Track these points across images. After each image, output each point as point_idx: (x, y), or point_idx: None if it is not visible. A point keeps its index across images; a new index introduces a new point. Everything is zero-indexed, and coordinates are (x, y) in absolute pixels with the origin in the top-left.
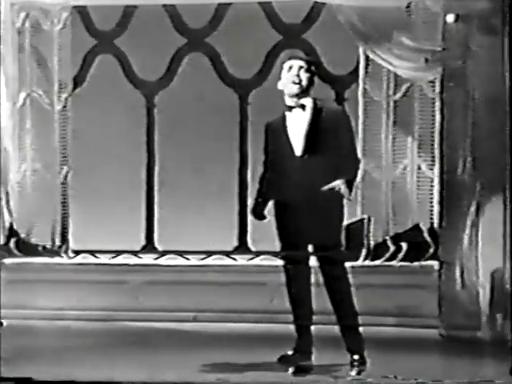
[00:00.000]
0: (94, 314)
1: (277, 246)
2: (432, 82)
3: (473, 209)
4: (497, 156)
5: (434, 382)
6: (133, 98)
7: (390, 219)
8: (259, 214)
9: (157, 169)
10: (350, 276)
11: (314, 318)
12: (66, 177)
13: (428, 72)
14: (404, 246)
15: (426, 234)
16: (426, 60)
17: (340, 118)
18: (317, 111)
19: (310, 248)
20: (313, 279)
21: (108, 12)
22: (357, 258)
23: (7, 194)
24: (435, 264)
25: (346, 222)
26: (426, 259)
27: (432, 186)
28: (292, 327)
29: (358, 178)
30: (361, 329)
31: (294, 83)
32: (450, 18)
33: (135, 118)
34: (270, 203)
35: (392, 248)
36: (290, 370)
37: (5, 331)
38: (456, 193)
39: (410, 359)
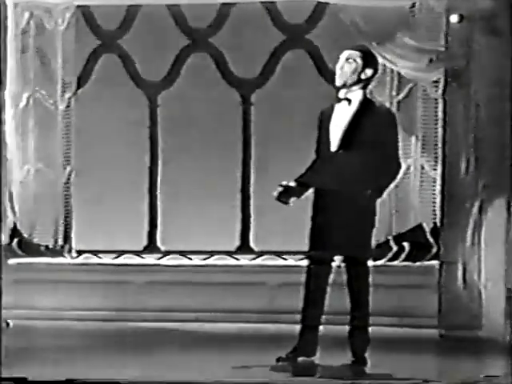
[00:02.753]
0: (97, 314)
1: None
2: (435, 82)
3: (475, 209)
4: (500, 156)
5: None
6: (136, 97)
7: (393, 219)
8: (287, 197)
9: (160, 169)
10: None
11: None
12: (69, 177)
13: (431, 72)
14: (406, 245)
15: (428, 234)
16: (430, 60)
17: (388, 119)
18: (366, 107)
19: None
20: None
21: (111, 12)
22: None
23: (10, 193)
24: (437, 264)
25: None
26: (429, 259)
27: (435, 186)
28: (294, 327)
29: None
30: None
31: (336, 75)
32: (454, 18)
33: (138, 117)
34: (308, 193)
35: (394, 248)
36: (291, 369)
37: (7, 331)
38: (459, 193)
39: (411, 359)
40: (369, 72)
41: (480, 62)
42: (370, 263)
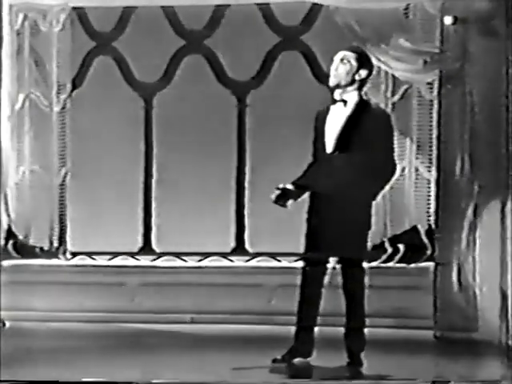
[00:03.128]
0: (92, 315)
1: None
2: (430, 84)
3: (470, 211)
4: (495, 158)
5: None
6: (131, 99)
7: (388, 221)
8: (284, 200)
9: (154, 170)
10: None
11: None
12: (64, 178)
13: (426, 74)
14: (401, 247)
15: (423, 236)
16: (424, 62)
17: (383, 120)
18: (361, 108)
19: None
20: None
21: (106, 14)
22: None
23: (5, 195)
24: (432, 266)
25: None
26: (424, 261)
27: (430, 187)
28: (290, 328)
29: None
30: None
31: (331, 76)
32: (448, 19)
33: (133, 119)
34: (305, 196)
35: (389, 250)
36: (287, 371)
37: (3, 332)
38: (453, 195)
39: (406, 360)
40: (363, 73)
41: (475, 64)
42: (366, 265)
